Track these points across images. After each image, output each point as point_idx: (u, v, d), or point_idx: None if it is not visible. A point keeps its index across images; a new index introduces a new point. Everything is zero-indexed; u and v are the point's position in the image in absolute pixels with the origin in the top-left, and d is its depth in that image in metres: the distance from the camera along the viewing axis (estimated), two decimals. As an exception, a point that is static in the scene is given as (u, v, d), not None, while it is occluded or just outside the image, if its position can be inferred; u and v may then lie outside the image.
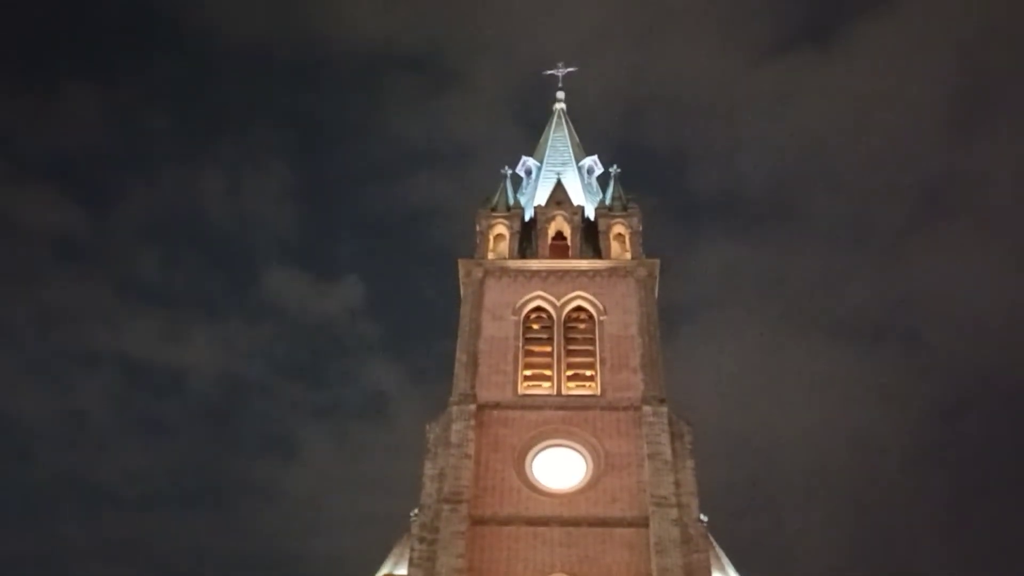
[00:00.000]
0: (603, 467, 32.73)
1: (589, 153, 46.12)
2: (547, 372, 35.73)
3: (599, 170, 45.16)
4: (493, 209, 41.27)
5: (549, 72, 50.10)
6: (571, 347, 36.37)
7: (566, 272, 38.27)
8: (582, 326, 37.12)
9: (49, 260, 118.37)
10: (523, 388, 35.33)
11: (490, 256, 39.60)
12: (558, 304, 37.37)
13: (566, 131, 47.61)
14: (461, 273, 38.86)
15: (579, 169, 44.87)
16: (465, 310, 37.25)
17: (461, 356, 35.65)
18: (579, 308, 37.52)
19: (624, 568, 30.20)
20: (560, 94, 49.18)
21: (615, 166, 43.35)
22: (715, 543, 34.78)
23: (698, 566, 30.06)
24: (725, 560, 35.92)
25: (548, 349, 36.32)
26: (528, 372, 35.81)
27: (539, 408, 34.61)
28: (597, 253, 39.53)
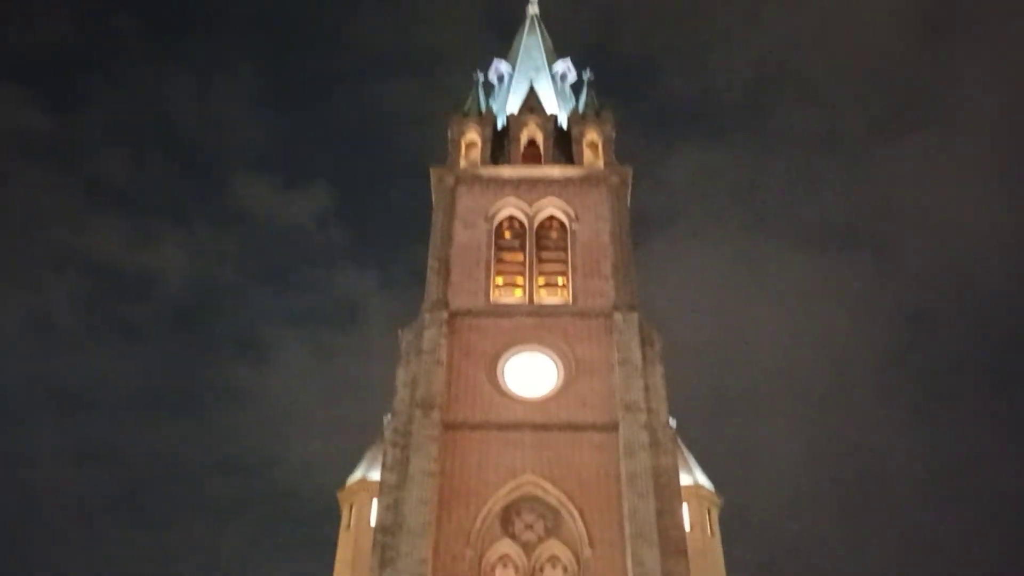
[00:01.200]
0: (574, 373, 33.13)
1: (562, 57, 45.45)
2: (519, 280, 35.82)
3: (572, 76, 44.59)
4: (465, 115, 40.77)
5: (522, -25, 49.07)
6: (543, 254, 36.42)
7: (538, 180, 38.07)
8: (554, 234, 37.10)
9: (14, 159, 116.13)
10: (495, 296, 35.46)
11: (462, 164, 39.28)
12: (530, 212, 37.25)
13: (539, 36, 46.84)
14: (433, 180, 38.55)
15: (552, 76, 44.29)
16: (437, 218, 37.06)
17: (433, 264, 35.61)
18: (551, 216, 37.45)
19: (593, 471, 30.79)
20: (533, -3, 48.32)
21: (588, 71, 42.84)
22: (683, 447, 35.62)
23: (666, 469, 30.72)
24: (693, 463, 36.82)
25: (520, 257, 36.34)
26: (500, 280, 35.89)
27: (511, 315, 34.81)
28: (570, 160, 39.29)
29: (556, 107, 41.91)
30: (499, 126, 40.83)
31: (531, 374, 33.50)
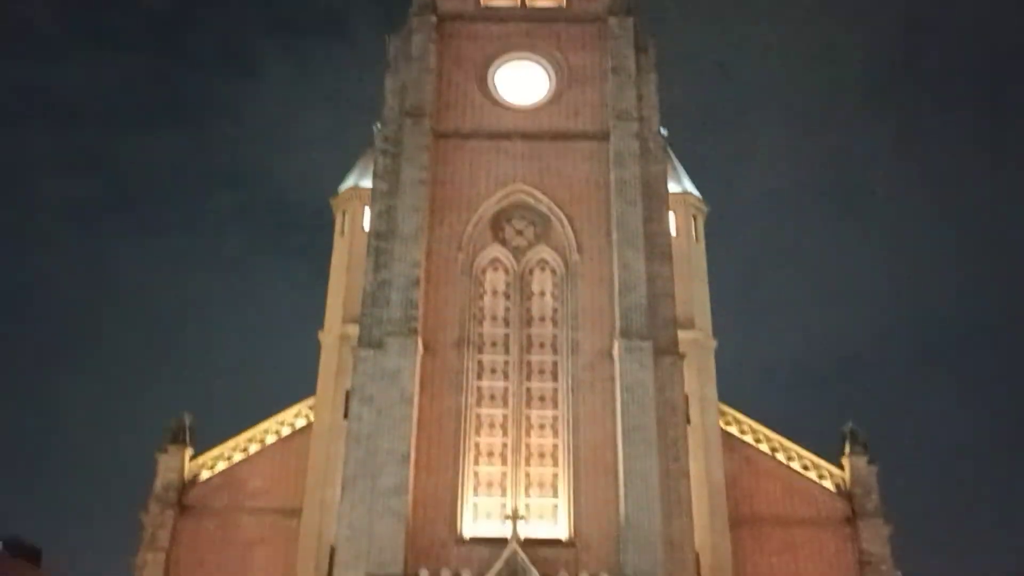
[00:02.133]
0: (566, 81, 32.59)
1: None
2: (510, -19, 34.25)
3: None
4: None
5: None
6: (536, -46, 34.58)
7: None
8: (548, -68, 35.01)
9: None
10: (486, -2, 34.11)
11: None
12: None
13: None
14: None
15: None
16: (423, -87, 34.77)
17: (420, -36, 33.86)
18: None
19: (583, 180, 31.09)
20: None
21: None
22: (673, 156, 35.67)
23: (655, 177, 31.02)
24: (682, 171, 37.05)
25: (512, -44, 34.51)
26: (491, -21, 34.29)
27: (502, 20, 33.69)
28: None
29: None
30: None
31: (523, 83, 32.94)
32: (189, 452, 33.20)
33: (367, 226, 32.04)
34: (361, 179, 35.93)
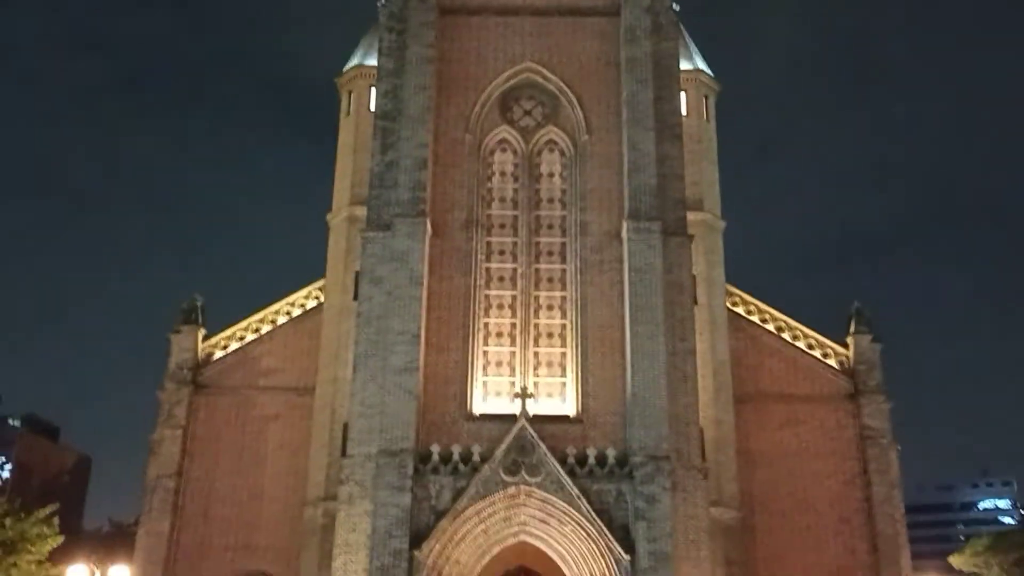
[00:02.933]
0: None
1: None
2: None
3: None
4: None
5: None
6: None
7: None
8: None
9: None
10: None
11: None
12: None
13: None
14: None
15: None
16: None
17: None
18: None
19: (593, 58, 30.50)
20: None
21: None
22: (685, 33, 34.87)
23: (666, 55, 30.42)
24: (693, 49, 36.30)
25: None
26: None
27: None
28: None
29: None
30: None
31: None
32: (202, 332, 33.75)
33: (374, 106, 31.63)
34: (366, 57, 35.32)
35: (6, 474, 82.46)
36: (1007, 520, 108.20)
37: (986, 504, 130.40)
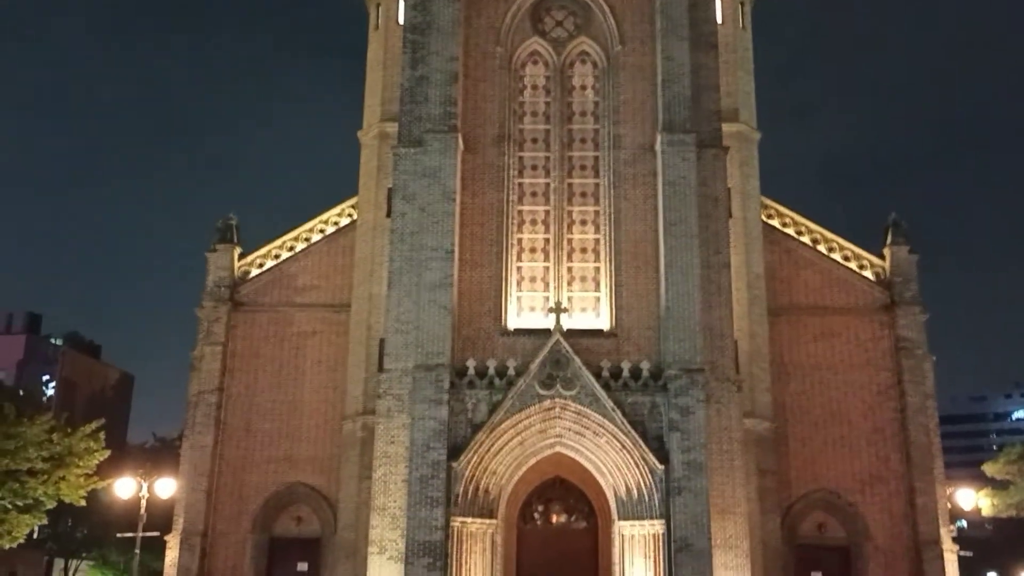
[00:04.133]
0: None
1: None
2: None
3: None
4: None
5: None
6: None
7: None
8: None
9: None
10: None
11: None
12: None
13: None
14: None
15: None
16: None
17: None
18: None
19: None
20: None
21: None
22: (719, -63, 33.78)
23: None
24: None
25: None
26: None
27: None
28: None
29: None
30: None
31: None
32: (237, 251, 34.03)
33: (402, 19, 31.16)
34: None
35: (51, 391, 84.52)
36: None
37: (1019, 414, 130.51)
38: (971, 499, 34.80)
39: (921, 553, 29.95)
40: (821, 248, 33.16)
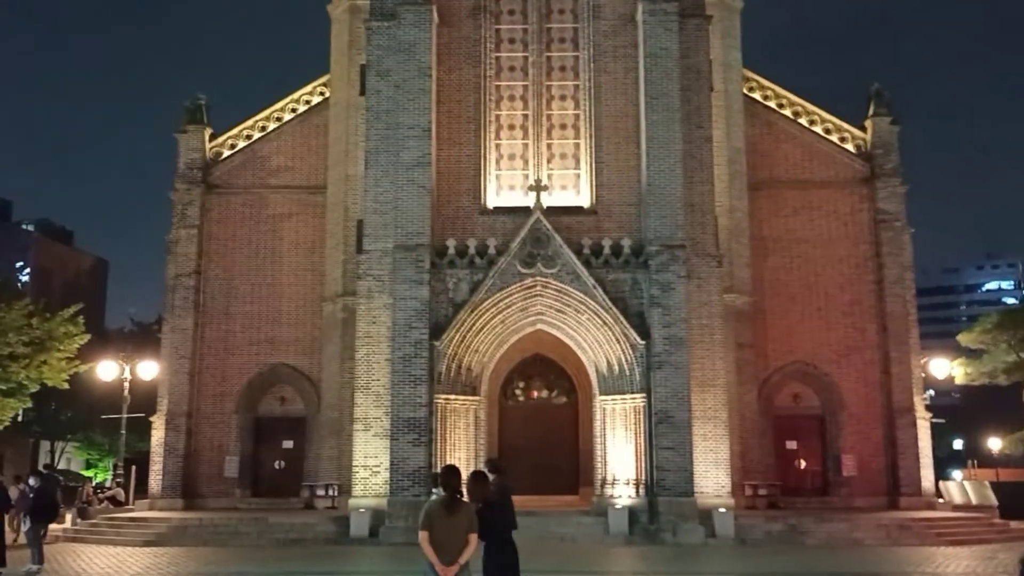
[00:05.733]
0: None
1: None
2: None
3: None
4: None
5: None
6: None
7: None
8: None
9: None
10: None
11: None
12: None
13: None
14: None
15: None
16: None
17: None
18: None
19: None
20: None
21: None
22: None
23: None
24: None
25: None
26: None
27: None
28: None
29: None
30: None
31: None
32: (208, 132, 33.25)
33: None
34: None
35: (25, 278, 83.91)
36: (1010, 300, 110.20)
37: (990, 285, 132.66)
38: (945, 368, 35.50)
39: (895, 420, 30.73)
40: (802, 121, 32.80)
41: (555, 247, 25.77)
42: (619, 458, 25.49)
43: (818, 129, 32.75)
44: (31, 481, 21.92)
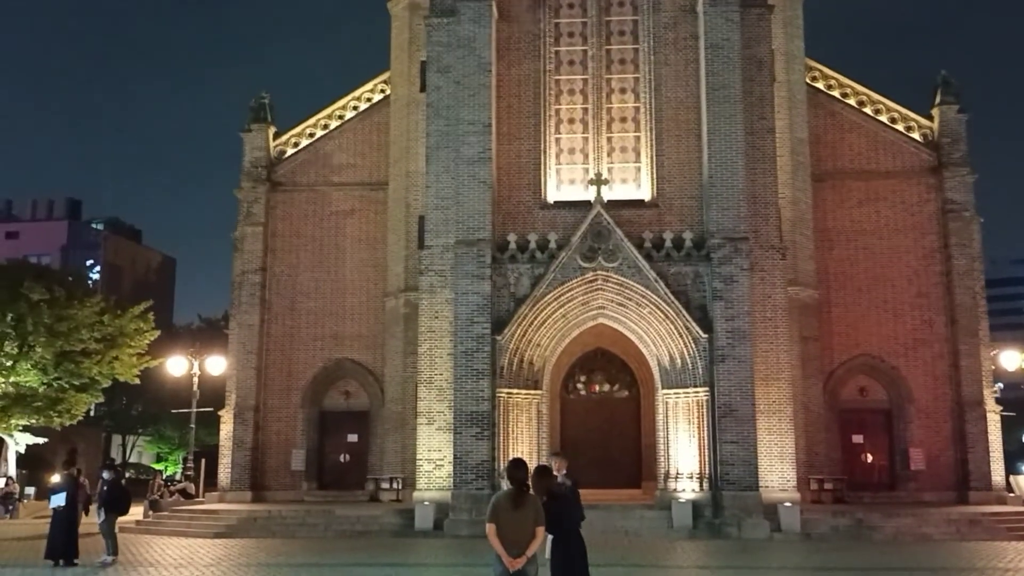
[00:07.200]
0: None
1: None
2: None
3: None
4: None
5: None
6: None
7: None
8: None
9: None
10: None
11: None
12: None
13: None
14: None
15: None
16: None
17: None
18: None
19: None
20: None
21: None
22: None
23: None
24: None
25: None
26: None
27: None
28: None
29: None
30: None
31: None
32: (272, 130, 33.79)
33: None
34: None
35: (95, 276, 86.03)
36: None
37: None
38: (1015, 360, 34.72)
39: (964, 414, 30.13)
40: (867, 110, 32.25)
41: (616, 241, 25.73)
42: (682, 452, 25.38)
43: (883, 118, 32.18)
44: (104, 474, 22.50)
